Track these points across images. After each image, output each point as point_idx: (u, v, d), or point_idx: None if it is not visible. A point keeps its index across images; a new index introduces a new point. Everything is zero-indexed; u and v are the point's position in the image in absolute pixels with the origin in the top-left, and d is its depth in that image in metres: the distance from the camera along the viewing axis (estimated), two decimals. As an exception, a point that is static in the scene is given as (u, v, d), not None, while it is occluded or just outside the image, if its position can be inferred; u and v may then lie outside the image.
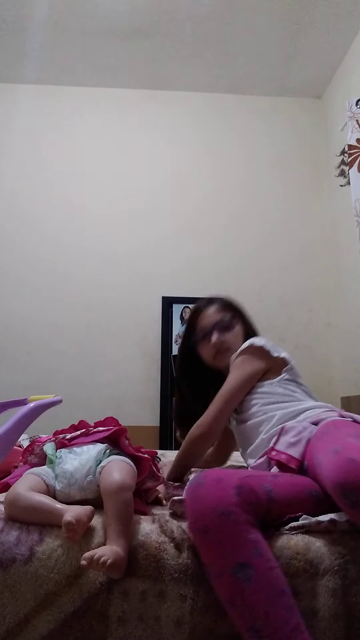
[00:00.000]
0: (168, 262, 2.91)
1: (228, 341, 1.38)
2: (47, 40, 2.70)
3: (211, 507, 0.79)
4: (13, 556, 0.83)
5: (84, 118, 3.07)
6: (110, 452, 1.04)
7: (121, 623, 0.80)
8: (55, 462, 1.03)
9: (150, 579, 0.82)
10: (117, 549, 0.80)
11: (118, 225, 2.94)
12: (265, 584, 0.74)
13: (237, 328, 1.42)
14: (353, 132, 2.23)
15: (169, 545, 0.85)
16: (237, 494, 0.80)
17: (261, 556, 0.76)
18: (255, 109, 3.14)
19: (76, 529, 0.82)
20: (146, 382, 2.74)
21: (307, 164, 3.05)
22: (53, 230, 2.91)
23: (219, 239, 2.94)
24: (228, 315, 1.42)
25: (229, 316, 1.42)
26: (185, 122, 3.10)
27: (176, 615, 0.80)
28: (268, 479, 0.92)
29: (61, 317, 2.79)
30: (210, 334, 1.39)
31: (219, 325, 1.39)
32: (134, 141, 3.06)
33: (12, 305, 2.80)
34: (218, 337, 1.37)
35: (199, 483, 0.84)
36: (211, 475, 0.86)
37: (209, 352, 1.41)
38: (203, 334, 1.41)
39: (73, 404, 2.27)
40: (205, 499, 0.81)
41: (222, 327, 1.39)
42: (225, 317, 1.41)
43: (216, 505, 0.79)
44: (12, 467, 1.20)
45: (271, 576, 0.75)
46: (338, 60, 2.83)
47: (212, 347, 1.38)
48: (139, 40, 2.70)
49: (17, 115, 3.03)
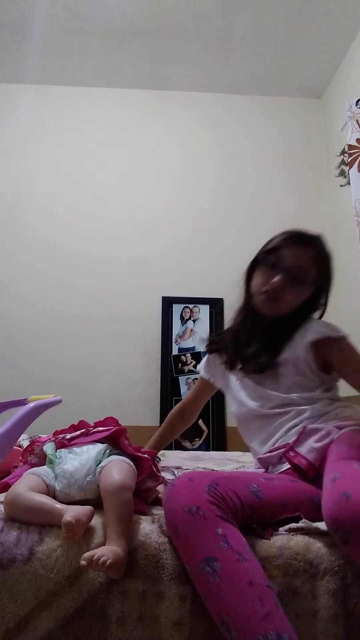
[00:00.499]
0: (168, 262, 2.91)
1: (284, 294, 1.16)
2: (47, 40, 2.70)
3: (180, 506, 0.79)
4: (13, 556, 0.83)
5: (83, 118, 3.07)
6: (110, 452, 1.04)
7: (120, 623, 0.80)
8: (55, 462, 1.03)
9: (150, 579, 0.82)
10: (117, 549, 0.80)
11: (118, 225, 2.94)
12: (232, 576, 0.72)
13: (306, 291, 1.18)
14: (353, 132, 2.23)
15: (169, 546, 0.85)
16: (207, 490, 0.80)
17: (228, 549, 0.74)
18: (255, 109, 3.14)
19: (76, 529, 0.82)
20: (146, 382, 2.74)
21: (307, 164, 3.05)
22: (53, 231, 2.91)
23: (219, 239, 2.93)
24: (313, 272, 1.17)
25: (313, 275, 1.17)
26: (185, 122, 3.10)
27: (176, 616, 0.80)
28: (259, 480, 0.90)
29: (61, 318, 2.79)
30: (278, 271, 1.16)
31: (294, 272, 1.15)
32: (134, 142, 3.06)
33: (12, 304, 2.80)
34: (280, 281, 1.15)
35: (172, 485, 0.85)
36: (184, 476, 0.86)
37: (257, 282, 1.20)
38: (272, 262, 1.17)
39: (73, 403, 2.27)
40: (175, 498, 0.81)
41: (294, 276, 1.15)
42: (309, 272, 1.16)
43: (185, 504, 0.79)
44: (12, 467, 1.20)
45: (238, 568, 0.73)
46: (338, 60, 2.83)
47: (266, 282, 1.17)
48: (139, 40, 2.70)
49: (17, 115, 3.03)
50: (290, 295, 1.16)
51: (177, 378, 2.73)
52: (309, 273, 1.17)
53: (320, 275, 1.20)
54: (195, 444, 2.62)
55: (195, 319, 2.82)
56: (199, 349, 2.77)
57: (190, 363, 2.75)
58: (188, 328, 2.81)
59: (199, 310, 2.84)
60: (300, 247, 1.18)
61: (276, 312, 1.19)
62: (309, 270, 1.17)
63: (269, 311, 1.19)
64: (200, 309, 2.84)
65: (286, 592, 0.79)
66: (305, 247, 1.18)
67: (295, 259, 1.16)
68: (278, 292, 1.15)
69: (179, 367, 2.74)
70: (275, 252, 1.18)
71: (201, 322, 2.82)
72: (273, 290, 1.15)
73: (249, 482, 0.87)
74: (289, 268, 1.15)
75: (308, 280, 1.17)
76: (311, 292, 1.20)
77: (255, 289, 1.21)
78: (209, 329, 2.80)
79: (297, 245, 1.18)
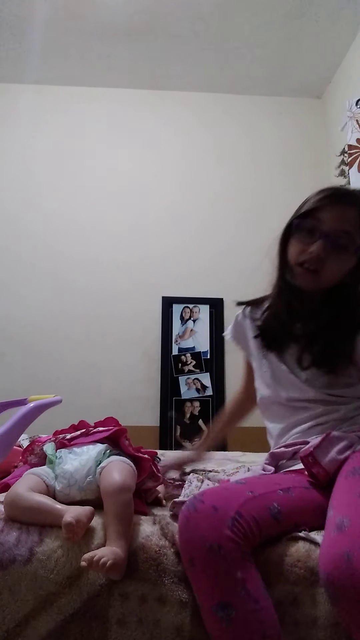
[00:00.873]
0: (168, 262, 2.90)
1: (325, 264, 0.99)
2: (47, 40, 2.70)
3: (200, 539, 0.74)
4: (13, 557, 0.83)
5: (83, 118, 3.07)
6: (110, 453, 1.04)
7: (121, 625, 0.80)
8: (55, 463, 1.03)
9: (150, 582, 0.81)
10: (117, 550, 0.80)
11: (118, 225, 2.94)
12: (246, 627, 0.70)
13: (350, 260, 1.00)
14: (353, 132, 2.24)
15: (169, 551, 0.84)
16: (232, 525, 0.74)
17: (246, 596, 0.71)
18: (255, 109, 3.13)
19: (76, 529, 0.82)
20: (146, 382, 2.74)
21: (307, 164, 3.05)
22: (53, 231, 2.90)
23: (218, 239, 2.93)
24: (356, 235, 0.99)
25: (355, 238, 0.99)
26: (185, 122, 3.10)
27: (176, 622, 0.79)
28: (279, 495, 0.85)
29: (61, 317, 2.79)
30: (316, 237, 0.99)
31: (335, 237, 0.98)
32: (134, 142, 3.05)
33: (12, 304, 2.79)
34: (319, 249, 0.98)
35: (194, 509, 0.77)
36: (208, 501, 0.78)
37: (294, 252, 1.04)
38: (309, 228, 1.01)
39: (73, 403, 2.27)
40: (196, 530, 0.75)
41: (336, 242, 0.98)
42: (353, 237, 0.98)
43: (206, 539, 0.73)
44: (12, 467, 1.20)
45: (253, 619, 0.70)
46: (338, 60, 2.82)
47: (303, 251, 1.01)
48: (139, 40, 2.70)
49: (16, 115, 3.03)
50: (333, 266, 0.99)
51: (177, 378, 2.72)
52: (354, 237, 0.98)
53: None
54: (195, 444, 2.62)
55: (195, 319, 2.82)
56: (199, 348, 2.77)
57: (190, 363, 2.75)
58: (188, 328, 2.81)
59: (199, 310, 2.83)
60: (341, 207, 1.00)
61: (317, 286, 1.03)
62: (353, 233, 0.98)
63: (309, 285, 1.03)
64: (200, 309, 2.83)
65: (286, 599, 0.78)
66: (347, 207, 1.00)
67: (336, 222, 0.98)
68: (318, 262, 0.99)
69: (179, 367, 2.74)
70: (312, 216, 1.01)
71: (201, 322, 2.81)
72: (312, 261, 0.99)
73: (271, 502, 0.82)
74: (329, 233, 0.98)
75: (353, 246, 0.99)
76: (357, 260, 1.01)
77: (292, 260, 1.04)
78: (209, 329, 2.79)
79: (337, 205, 1.00)
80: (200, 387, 2.71)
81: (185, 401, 2.69)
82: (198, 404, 2.69)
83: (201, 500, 0.78)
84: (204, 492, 0.81)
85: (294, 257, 1.04)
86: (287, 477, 0.95)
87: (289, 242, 1.07)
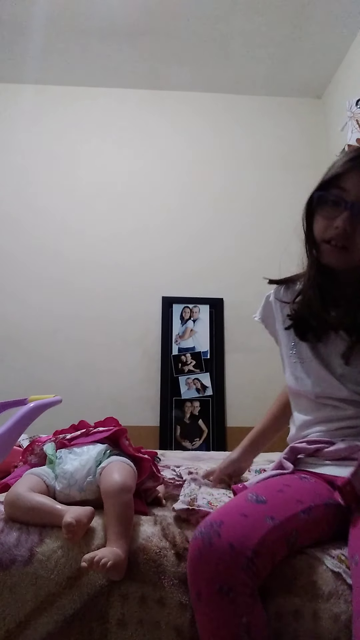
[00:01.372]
0: (168, 262, 2.90)
1: (353, 239, 0.88)
2: (47, 40, 2.70)
3: (211, 577, 0.69)
4: (13, 557, 0.83)
5: (83, 118, 3.07)
6: (110, 453, 1.04)
7: (121, 626, 0.80)
8: (55, 463, 1.03)
9: (150, 584, 0.81)
10: (117, 551, 0.80)
11: (118, 225, 2.94)
12: None
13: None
14: (353, 132, 2.24)
15: (170, 552, 0.84)
16: (247, 567, 0.69)
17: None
18: (255, 109, 3.13)
19: (76, 530, 0.82)
20: (146, 382, 2.74)
21: (307, 164, 3.04)
22: (53, 230, 2.90)
23: (218, 239, 2.93)
24: None
25: None
26: (185, 122, 3.10)
27: (177, 624, 0.79)
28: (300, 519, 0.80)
29: (61, 317, 2.79)
30: (342, 209, 0.88)
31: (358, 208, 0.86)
32: (133, 142, 3.05)
33: (12, 304, 2.79)
34: (346, 223, 0.87)
35: (209, 542, 0.71)
36: (226, 535, 0.71)
37: (319, 228, 0.93)
38: (334, 199, 0.90)
39: (73, 403, 2.27)
40: (207, 565, 0.70)
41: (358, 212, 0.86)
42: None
43: (217, 578, 0.69)
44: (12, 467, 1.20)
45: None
46: (338, 60, 2.82)
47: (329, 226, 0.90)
48: (139, 40, 2.70)
49: (17, 115, 3.03)
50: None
51: (177, 378, 2.72)
52: None
53: None
54: (195, 444, 2.62)
55: (195, 319, 2.82)
56: (199, 348, 2.77)
57: (190, 363, 2.75)
58: (188, 328, 2.81)
59: (199, 310, 2.83)
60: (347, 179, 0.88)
61: (348, 264, 0.91)
62: None
63: (339, 264, 0.92)
64: (200, 309, 2.83)
65: (287, 612, 0.77)
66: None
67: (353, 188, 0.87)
68: (345, 238, 0.88)
69: (179, 367, 2.74)
70: (336, 185, 0.90)
71: (201, 322, 2.81)
72: (339, 237, 0.88)
73: (291, 530, 0.78)
74: (355, 202, 0.87)
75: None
76: None
77: (318, 238, 0.93)
78: (209, 329, 2.79)
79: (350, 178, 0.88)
80: (200, 387, 2.71)
81: (185, 401, 2.69)
82: (198, 404, 2.69)
83: (218, 533, 0.72)
84: (223, 523, 0.74)
85: (319, 234, 0.93)
86: (309, 488, 0.88)
87: (314, 218, 0.95)
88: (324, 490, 0.89)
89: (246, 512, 0.77)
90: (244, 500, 0.81)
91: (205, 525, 0.75)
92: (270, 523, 0.76)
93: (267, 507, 0.79)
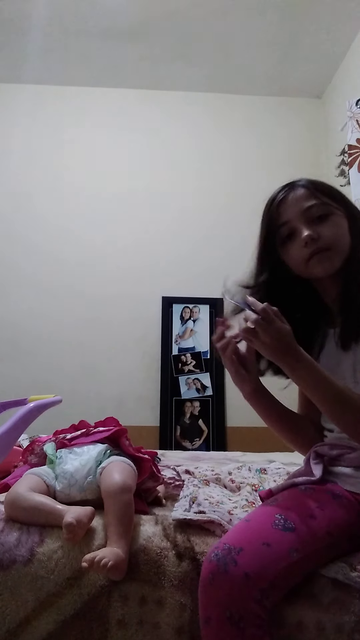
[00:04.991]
0: (168, 262, 2.90)
1: (325, 237, 0.94)
2: (47, 40, 2.70)
3: (222, 604, 0.68)
4: (13, 557, 0.83)
5: (83, 118, 3.06)
6: (110, 453, 1.03)
7: (121, 627, 0.79)
8: (55, 462, 1.03)
9: (150, 584, 0.81)
10: (118, 551, 0.80)
11: (118, 225, 2.93)
12: None
13: (337, 218, 0.96)
14: (353, 132, 2.23)
15: (171, 552, 0.84)
16: (260, 598, 0.68)
17: None
18: (255, 109, 3.13)
19: (77, 530, 0.82)
20: (146, 382, 2.73)
21: (307, 164, 3.04)
22: (53, 230, 2.90)
23: (218, 239, 2.93)
24: (322, 200, 0.96)
25: (322, 201, 0.96)
26: (185, 122, 3.10)
27: (176, 624, 0.79)
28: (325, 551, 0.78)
29: (61, 317, 2.79)
30: (298, 227, 0.96)
31: (308, 214, 0.95)
32: (134, 141, 3.05)
33: (13, 307, 2.79)
34: (310, 232, 0.94)
35: (224, 569, 0.69)
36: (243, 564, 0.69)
37: (298, 256, 0.97)
38: (288, 232, 0.98)
39: (73, 403, 2.26)
40: (219, 591, 0.69)
41: (311, 215, 0.95)
42: (323, 202, 0.96)
43: (228, 606, 0.67)
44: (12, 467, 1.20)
45: None
46: (338, 60, 2.82)
47: (303, 247, 0.95)
48: (139, 40, 2.70)
49: (16, 116, 3.03)
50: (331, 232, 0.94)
51: (177, 378, 2.72)
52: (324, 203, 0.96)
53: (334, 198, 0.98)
54: (195, 444, 2.62)
55: (195, 319, 2.82)
56: (199, 348, 2.77)
57: (190, 363, 2.75)
58: (188, 328, 2.81)
59: (199, 310, 2.83)
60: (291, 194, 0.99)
61: (335, 264, 0.96)
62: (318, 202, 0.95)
63: (331, 267, 0.96)
64: (200, 309, 2.83)
65: (290, 623, 0.76)
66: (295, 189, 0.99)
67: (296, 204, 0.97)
68: (319, 240, 0.94)
69: (179, 367, 2.74)
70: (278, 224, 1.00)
71: (201, 322, 2.81)
72: (312, 244, 0.94)
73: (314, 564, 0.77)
74: (300, 214, 0.96)
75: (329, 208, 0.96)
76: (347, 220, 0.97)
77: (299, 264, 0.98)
78: (209, 329, 2.79)
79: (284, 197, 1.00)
80: (200, 387, 2.71)
81: (185, 401, 2.69)
82: (198, 404, 2.69)
83: (234, 561, 0.70)
84: (243, 550, 0.71)
85: (301, 257, 0.96)
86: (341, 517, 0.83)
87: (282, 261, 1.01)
88: (354, 516, 0.84)
89: (270, 541, 0.73)
90: (270, 526, 0.76)
91: (222, 549, 0.72)
92: (294, 557, 0.73)
93: (294, 537, 0.75)
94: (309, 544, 0.76)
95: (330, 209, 0.96)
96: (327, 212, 0.96)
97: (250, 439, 2.41)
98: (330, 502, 0.84)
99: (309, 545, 0.75)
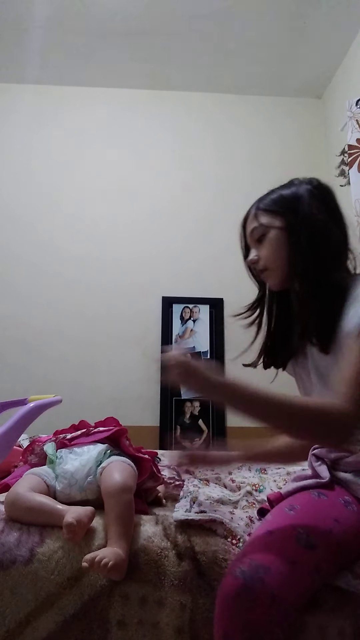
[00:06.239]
0: (168, 262, 2.90)
1: (263, 257, 1.02)
2: (47, 40, 2.69)
3: (244, 624, 0.66)
4: (14, 557, 0.83)
5: (83, 118, 3.06)
6: (110, 453, 1.03)
7: (121, 627, 0.80)
8: (55, 462, 1.03)
9: (150, 584, 0.81)
10: (118, 551, 0.80)
11: (118, 225, 2.93)
12: None
13: (272, 235, 0.99)
14: (353, 132, 2.23)
15: (171, 552, 0.84)
16: (283, 620, 0.67)
17: None
18: (255, 109, 3.13)
19: (77, 530, 0.82)
20: (146, 382, 2.73)
21: (307, 164, 3.04)
22: (53, 230, 2.90)
23: (218, 239, 2.93)
24: (265, 219, 1.01)
25: (266, 220, 1.00)
26: (185, 122, 3.10)
27: (176, 624, 0.79)
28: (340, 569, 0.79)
29: (61, 317, 2.78)
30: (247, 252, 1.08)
31: (252, 237, 1.04)
32: (134, 142, 3.05)
33: (12, 305, 2.79)
34: (251, 257, 1.04)
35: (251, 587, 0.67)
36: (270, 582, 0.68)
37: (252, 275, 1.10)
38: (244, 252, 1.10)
39: (73, 403, 2.27)
40: (241, 611, 0.67)
41: (255, 239, 1.04)
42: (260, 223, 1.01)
43: (250, 627, 0.66)
44: (12, 467, 1.20)
45: None
46: (338, 60, 2.82)
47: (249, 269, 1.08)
48: (139, 40, 2.70)
49: (16, 115, 3.03)
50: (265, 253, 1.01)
51: (177, 378, 2.72)
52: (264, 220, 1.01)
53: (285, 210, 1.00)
54: (195, 444, 2.62)
55: (195, 319, 2.82)
56: (199, 348, 2.77)
57: (190, 363, 2.74)
58: (188, 328, 2.81)
59: (199, 310, 2.83)
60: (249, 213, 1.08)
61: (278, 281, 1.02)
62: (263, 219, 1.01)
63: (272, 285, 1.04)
64: (200, 309, 2.83)
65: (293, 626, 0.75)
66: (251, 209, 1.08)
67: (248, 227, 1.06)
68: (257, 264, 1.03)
69: (178, 367, 2.73)
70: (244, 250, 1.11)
71: (201, 322, 2.81)
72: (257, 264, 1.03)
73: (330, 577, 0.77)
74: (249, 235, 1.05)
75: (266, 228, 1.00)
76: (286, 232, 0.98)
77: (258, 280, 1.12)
78: (209, 329, 2.79)
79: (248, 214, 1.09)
80: (200, 387, 2.71)
81: (185, 401, 2.69)
82: (198, 404, 2.69)
83: (262, 580, 0.68)
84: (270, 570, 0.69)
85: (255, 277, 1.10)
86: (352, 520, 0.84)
87: None
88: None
89: (295, 559, 0.73)
90: (293, 542, 0.75)
91: (249, 566, 0.70)
92: (316, 577, 0.74)
93: (316, 555, 0.75)
94: (331, 564, 0.77)
95: (265, 229, 1.00)
96: (263, 233, 1.01)
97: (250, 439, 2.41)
98: (343, 511, 0.84)
99: (330, 564, 0.77)
